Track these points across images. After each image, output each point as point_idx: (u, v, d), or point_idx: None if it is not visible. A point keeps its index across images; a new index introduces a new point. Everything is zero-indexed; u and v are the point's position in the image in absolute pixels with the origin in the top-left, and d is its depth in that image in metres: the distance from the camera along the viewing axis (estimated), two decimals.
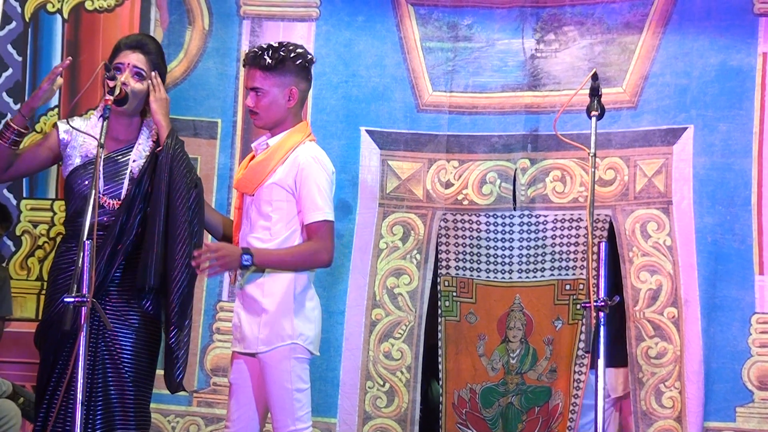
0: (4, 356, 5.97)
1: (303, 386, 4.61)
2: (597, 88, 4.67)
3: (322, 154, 4.77)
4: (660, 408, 5.64)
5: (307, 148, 4.70)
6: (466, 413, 5.89)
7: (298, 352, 4.59)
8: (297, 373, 4.57)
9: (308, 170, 4.63)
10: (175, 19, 6.03)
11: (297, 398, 4.57)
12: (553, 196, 5.89)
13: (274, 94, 4.68)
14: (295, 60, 4.70)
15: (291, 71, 4.70)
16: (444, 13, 6.04)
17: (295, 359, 4.57)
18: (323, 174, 4.68)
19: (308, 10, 6.06)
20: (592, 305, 4.35)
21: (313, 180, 4.63)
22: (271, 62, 4.64)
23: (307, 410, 4.64)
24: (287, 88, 4.69)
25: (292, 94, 4.70)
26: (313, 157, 4.68)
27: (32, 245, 6.09)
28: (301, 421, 4.59)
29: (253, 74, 4.71)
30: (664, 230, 5.72)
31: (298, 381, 4.58)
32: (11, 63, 6.11)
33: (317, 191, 4.62)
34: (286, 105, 4.70)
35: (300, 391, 4.59)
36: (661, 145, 5.76)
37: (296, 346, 4.57)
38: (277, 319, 4.54)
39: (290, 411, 4.55)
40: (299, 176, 4.62)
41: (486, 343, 5.91)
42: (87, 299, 4.25)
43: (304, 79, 4.77)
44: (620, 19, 5.86)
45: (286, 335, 4.55)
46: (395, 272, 5.93)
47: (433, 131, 5.99)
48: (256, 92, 4.70)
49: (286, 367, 4.55)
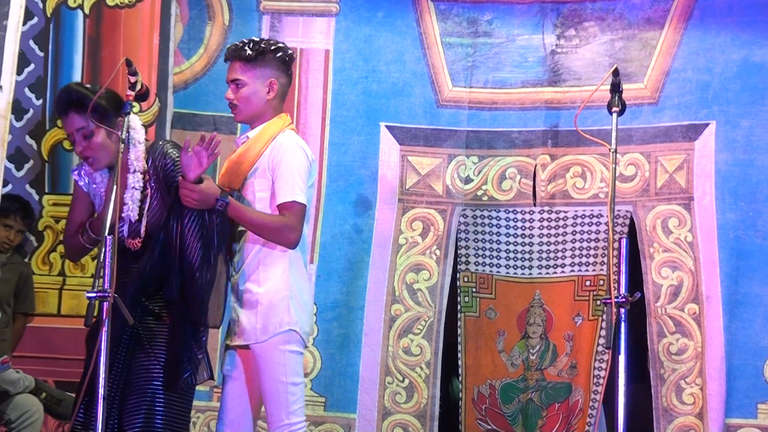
0: (26, 351, 5.98)
1: (298, 380, 4.53)
2: (618, 84, 4.64)
3: (299, 140, 4.67)
4: (681, 404, 5.63)
5: (285, 135, 4.62)
6: (485, 409, 5.89)
7: (294, 342, 4.51)
8: (292, 367, 4.49)
9: (284, 153, 4.54)
10: (195, 14, 6.04)
11: (291, 392, 4.48)
12: (573, 192, 5.88)
13: (254, 85, 4.61)
14: (276, 53, 4.65)
15: (272, 64, 4.65)
16: (464, 8, 6.04)
17: (290, 352, 4.48)
18: (299, 157, 4.56)
19: (328, 6, 6.07)
20: (612, 301, 4.33)
21: (287, 162, 4.51)
22: (252, 54, 4.60)
23: (301, 405, 4.54)
24: (268, 80, 4.62)
25: (272, 86, 4.63)
26: (290, 142, 4.59)
27: (54, 240, 6.10)
28: (295, 415, 4.50)
29: (233, 67, 4.65)
30: (685, 226, 5.71)
31: (293, 374, 4.50)
32: (33, 58, 6.12)
33: (289, 173, 4.50)
34: (265, 97, 4.62)
35: (294, 385, 4.50)
36: (682, 141, 5.74)
37: (293, 333, 4.51)
38: (274, 308, 4.48)
39: (284, 404, 4.47)
40: (275, 159, 4.54)
41: (506, 339, 5.91)
42: (109, 294, 4.25)
43: (285, 73, 4.70)
44: (641, 15, 5.85)
45: (285, 322, 4.48)
46: (415, 268, 5.93)
47: (453, 127, 5.99)
48: (236, 84, 4.64)
49: (281, 359, 4.48)
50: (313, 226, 5.94)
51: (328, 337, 5.90)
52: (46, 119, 6.11)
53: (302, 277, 4.60)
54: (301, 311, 4.53)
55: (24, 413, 5.56)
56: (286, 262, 4.53)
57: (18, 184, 6.09)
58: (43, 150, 6.09)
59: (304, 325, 4.54)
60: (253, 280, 4.53)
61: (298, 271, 4.57)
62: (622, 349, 4.32)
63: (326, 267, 5.94)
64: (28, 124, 6.11)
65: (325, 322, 5.91)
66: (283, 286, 4.50)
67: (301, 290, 4.56)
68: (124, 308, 4.34)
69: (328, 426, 5.87)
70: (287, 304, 4.50)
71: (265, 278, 4.52)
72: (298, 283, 4.55)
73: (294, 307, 4.51)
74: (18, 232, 6.05)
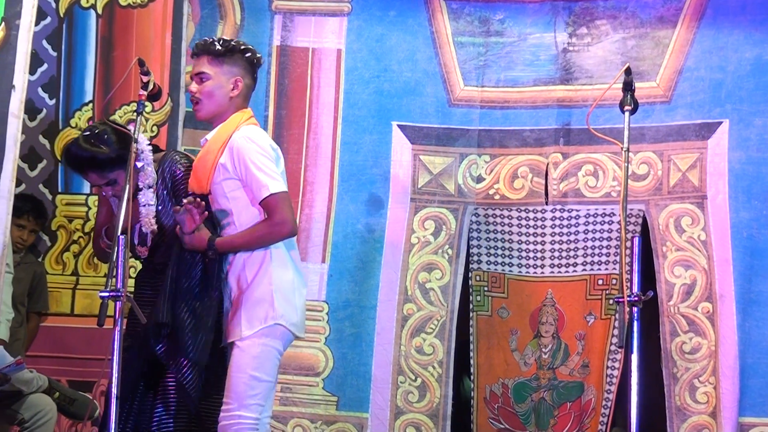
0: (40, 351, 5.99)
1: (264, 377, 4.43)
2: (630, 83, 4.63)
3: (255, 132, 4.59)
4: (694, 403, 5.62)
5: (240, 131, 4.56)
6: (498, 408, 5.88)
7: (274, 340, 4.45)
8: (262, 361, 4.42)
9: (241, 151, 4.49)
10: (207, 14, 6.05)
11: (252, 385, 4.39)
12: (585, 191, 5.87)
13: (219, 80, 4.58)
14: (245, 53, 4.64)
15: (239, 63, 4.63)
16: (476, 7, 6.04)
17: (267, 347, 4.43)
18: (256, 149, 4.49)
19: (340, 5, 6.07)
20: (625, 300, 4.32)
21: (248, 159, 4.46)
22: (221, 50, 4.59)
23: (258, 402, 4.42)
24: (233, 77, 4.61)
25: (237, 84, 4.60)
26: (243, 137, 4.53)
27: (67, 240, 6.11)
28: (249, 409, 4.38)
29: (201, 61, 4.61)
30: (698, 225, 5.70)
31: (260, 369, 4.41)
32: (46, 58, 6.13)
33: (255, 168, 4.45)
34: (229, 94, 4.60)
35: (257, 380, 4.41)
36: (695, 140, 5.74)
37: (277, 327, 4.48)
38: (258, 304, 4.45)
39: (241, 395, 4.37)
40: (236, 161, 4.50)
41: (518, 338, 5.90)
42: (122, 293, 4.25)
43: (250, 75, 4.68)
44: (654, 14, 5.85)
45: (270, 317, 4.45)
46: (427, 267, 5.93)
47: (465, 126, 5.99)
48: (201, 78, 4.62)
49: (254, 352, 4.45)
50: (325, 225, 5.95)
51: (341, 336, 5.91)
52: (59, 119, 6.12)
53: (287, 270, 4.53)
54: (286, 304, 4.47)
55: (37, 413, 5.56)
56: (268, 257, 4.48)
57: (31, 184, 6.11)
58: (56, 150, 6.11)
59: (290, 318, 4.48)
60: (239, 280, 4.52)
61: (281, 264, 4.51)
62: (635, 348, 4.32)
63: (338, 266, 5.95)
64: (42, 124, 6.12)
65: (337, 322, 5.91)
66: (266, 281, 4.47)
67: (286, 284, 4.50)
68: (137, 308, 4.36)
69: (341, 425, 5.87)
70: (271, 298, 4.46)
71: (248, 276, 4.49)
72: (282, 276, 4.49)
73: (278, 301, 4.47)
74: (31, 232, 6.06)
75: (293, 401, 5.89)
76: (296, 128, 6.04)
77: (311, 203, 5.99)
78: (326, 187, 6.00)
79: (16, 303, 5.82)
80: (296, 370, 5.90)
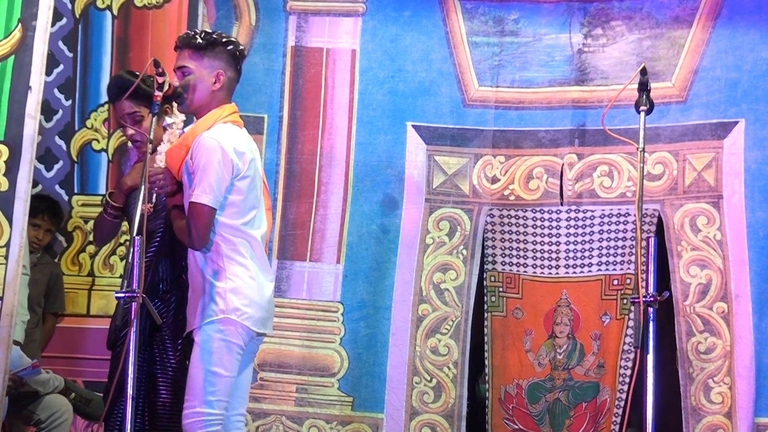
0: (56, 352, 6.02)
1: (222, 372, 4.42)
2: (646, 83, 4.63)
3: (225, 133, 4.51)
4: (709, 403, 5.61)
5: (211, 131, 4.51)
6: (512, 409, 5.88)
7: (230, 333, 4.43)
8: (219, 356, 4.41)
9: (201, 149, 4.46)
10: (222, 14, 6.06)
11: (211, 381, 4.39)
12: (600, 191, 5.87)
13: (201, 74, 4.57)
14: (227, 45, 4.61)
15: (221, 56, 4.60)
16: (490, 7, 6.03)
17: (222, 341, 4.42)
18: (216, 153, 4.44)
19: (355, 6, 6.07)
20: (641, 300, 4.32)
21: (203, 159, 4.43)
22: (202, 43, 4.55)
23: (220, 398, 4.42)
24: (215, 71, 4.57)
25: (219, 77, 4.58)
26: (211, 137, 4.49)
27: (83, 241, 6.13)
28: (209, 405, 4.39)
29: (182, 54, 4.58)
30: (714, 224, 5.69)
31: (218, 364, 4.40)
32: (62, 59, 6.15)
33: (202, 171, 4.42)
34: (211, 87, 4.58)
35: (216, 375, 4.40)
36: (711, 139, 5.73)
37: (228, 320, 4.44)
38: (210, 296, 4.44)
39: (200, 391, 4.37)
40: (195, 156, 4.47)
41: (533, 339, 5.89)
42: (137, 294, 4.27)
43: (233, 68, 4.65)
44: (669, 14, 5.84)
45: (219, 310, 4.43)
46: (442, 267, 5.93)
47: (480, 126, 5.99)
48: (183, 71, 4.60)
49: (210, 347, 4.41)
50: (340, 226, 5.95)
51: (356, 336, 5.91)
52: (75, 120, 6.15)
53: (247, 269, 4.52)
54: (240, 300, 4.46)
55: (53, 413, 5.59)
56: (229, 250, 4.48)
57: (48, 185, 6.13)
58: (73, 150, 6.13)
59: (245, 313, 4.46)
60: (199, 271, 4.52)
61: (240, 262, 4.50)
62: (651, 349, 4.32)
63: (353, 267, 5.95)
64: (58, 125, 6.15)
65: (352, 322, 5.92)
66: (223, 275, 4.46)
67: (245, 281, 4.49)
68: (152, 308, 4.37)
69: (356, 426, 5.88)
70: (225, 293, 4.44)
71: (208, 268, 4.49)
72: (240, 273, 4.48)
73: (232, 297, 4.45)
74: (47, 232, 6.08)
75: (308, 402, 5.90)
76: (311, 129, 6.05)
77: (326, 204, 6.00)
78: (341, 187, 6.00)
79: (32, 304, 5.84)
80: (311, 370, 5.91)
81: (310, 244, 5.98)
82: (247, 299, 4.49)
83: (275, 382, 5.91)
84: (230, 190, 4.51)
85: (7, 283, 4.92)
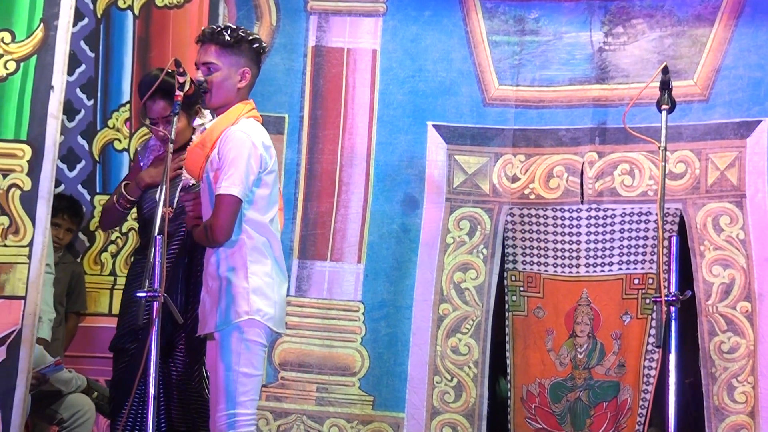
0: (78, 351, 6.04)
1: (251, 371, 4.44)
2: (667, 81, 4.61)
3: (252, 127, 4.55)
4: (732, 403, 5.59)
5: (238, 125, 4.53)
6: (535, 408, 5.87)
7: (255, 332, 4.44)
8: (247, 357, 4.42)
9: (227, 143, 4.46)
10: (243, 14, 6.06)
11: (242, 382, 4.40)
12: (621, 190, 5.85)
13: (227, 71, 4.56)
14: (252, 43, 4.60)
15: (246, 53, 4.59)
16: (510, 6, 6.02)
17: (249, 342, 4.43)
18: (247, 146, 4.46)
19: (375, 5, 6.07)
20: (663, 300, 4.31)
21: (232, 150, 4.44)
22: (230, 40, 4.54)
23: (251, 397, 4.45)
24: (241, 68, 4.57)
25: (245, 75, 4.58)
26: (240, 130, 4.51)
27: (105, 240, 6.15)
28: (243, 406, 4.41)
29: (208, 49, 4.56)
30: (737, 224, 5.67)
31: (247, 365, 4.42)
32: (84, 59, 6.17)
33: (230, 162, 4.42)
34: (237, 84, 4.58)
35: (246, 376, 4.42)
36: (733, 138, 5.71)
37: (254, 321, 4.44)
38: (233, 298, 4.44)
39: (231, 393, 4.39)
40: (223, 148, 4.47)
41: (554, 338, 5.89)
42: (159, 294, 4.28)
43: (256, 65, 4.64)
44: (691, 12, 5.82)
45: (243, 312, 4.45)
46: (462, 267, 5.92)
47: (500, 125, 5.98)
48: (209, 67, 4.59)
49: (237, 348, 4.42)
50: (361, 226, 5.96)
51: (376, 336, 5.91)
52: (97, 120, 6.17)
53: (266, 264, 4.52)
54: (263, 300, 4.47)
55: (76, 412, 5.61)
56: (246, 253, 4.48)
57: (70, 185, 6.15)
58: (95, 150, 6.15)
59: (267, 314, 4.47)
60: (216, 271, 4.52)
61: (260, 257, 4.50)
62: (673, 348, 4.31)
63: (374, 266, 5.95)
64: (80, 125, 6.17)
65: (373, 322, 5.92)
66: (243, 275, 4.46)
67: (264, 278, 4.49)
68: (173, 307, 4.38)
69: (377, 425, 5.88)
70: (247, 293, 4.44)
71: (225, 268, 4.49)
72: (260, 270, 4.49)
73: (255, 297, 4.45)
74: (67, 231, 6.10)
75: (329, 401, 5.90)
76: (331, 129, 6.05)
77: (347, 203, 6.00)
78: (362, 187, 6.00)
79: (55, 303, 5.85)
80: (332, 370, 5.91)
81: (331, 244, 5.98)
82: (269, 300, 4.49)
83: (296, 382, 5.92)
84: (258, 183, 4.52)
85: (30, 282, 4.95)
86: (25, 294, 4.95)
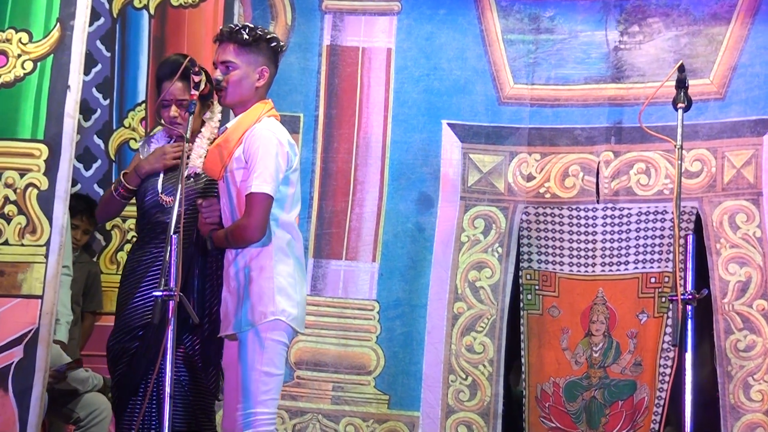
0: (95, 350, 6.03)
1: (274, 371, 4.46)
2: (683, 80, 4.61)
3: (277, 126, 4.58)
4: (748, 401, 5.58)
5: (262, 124, 4.55)
6: (549, 407, 5.87)
7: (278, 332, 4.46)
8: (270, 356, 4.44)
9: (257, 139, 4.48)
10: (258, 14, 6.07)
11: (264, 381, 4.42)
12: (637, 189, 5.85)
13: (246, 70, 4.57)
14: (270, 42, 4.61)
15: (264, 52, 4.60)
16: (525, 5, 6.02)
17: (272, 341, 4.45)
18: (274, 144, 4.47)
19: (390, 4, 6.08)
20: (679, 298, 4.30)
21: (261, 148, 4.45)
22: (249, 38, 4.55)
23: (273, 396, 4.47)
24: (259, 67, 4.58)
25: (263, 74, 4.58)
26: (266, 128, 4.53)
27: (121, 239, 6.16)
28: (264, 405, 4.43)
29: (226, 48, 4.58)
30: (753, 222, 5.66)
31: (269, 364, 4.44)
32: (100, 59, 6.19)
33: (259, 160, 4.44)
34: (255, 83, 4.59)
35: (269, 375, 4.44)
36: (750, 136, 5.70)
37: (279, 322, 4.45)
38: (259, 298, 4.45)
39: (254, 392, 4.41)
40: (248, 150, 4.48)
41: (569, 337, 5.88)
42: (174, 293, 4.28)
43: (274, 64, 4.66)
44: (707, 11, 5.81)
45: (269, 312, 4.44)
46: (477, 265, 5.92)
47: (515, 124, 5.98)
48: (227, 66, 4.59)
49: (260, 347, 4.43)
50: (376, 224, 5.96)
51: (391, 335, 5.92)
52: (113, 119, 6.18)
53: (288, 263, 4.53)
54: (287, 300, 4.48)
55: (92, 411, 5.62)
56: (269, 250, 4.49)
57: (86, 184, 6.17)
58: (111, 150, 6.16)
59: (291, 314, 4.48)
60: (238, 271, 4.52)
61: (283, 257, 4.51)
62: (689, 347, 4.30)
63: (388, 265, 5.95)
64: (96, 124, 6.18)
65: (387, 321, 5.92)
66: (267, 276, 4.47)
67: (287, 278, 4.51)
68: (189, 307, 4.39)
69: (392, 424, 5.88)
70: (272, 294, 4.46)
71: (249, 269, 4.49)
72: (284, 272, 4.50)
73: (279, 298, 4.46)
74: (84, 232, 6.12)
75: (345, 400, 5.90)
76: (346, 127, 6.05)
77: (362, 202, 6.00)
78: (376, 186, 6.00)
79: (71, 302, 5.87)
80: (348, 368, 5.91)
81: (346, 243, 5.98)
82: (292, 300, 4.51)
83: (312, 381, 5.92)
84: (285, 182, 4.54)
85: (47, 281, 4.96)
86: (42, 293, 4.96)
